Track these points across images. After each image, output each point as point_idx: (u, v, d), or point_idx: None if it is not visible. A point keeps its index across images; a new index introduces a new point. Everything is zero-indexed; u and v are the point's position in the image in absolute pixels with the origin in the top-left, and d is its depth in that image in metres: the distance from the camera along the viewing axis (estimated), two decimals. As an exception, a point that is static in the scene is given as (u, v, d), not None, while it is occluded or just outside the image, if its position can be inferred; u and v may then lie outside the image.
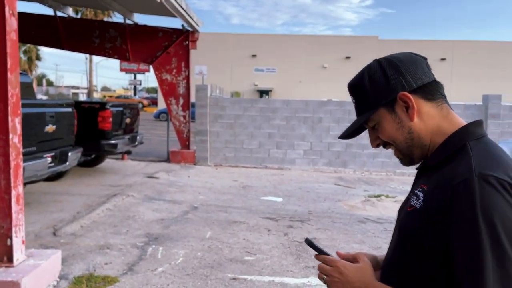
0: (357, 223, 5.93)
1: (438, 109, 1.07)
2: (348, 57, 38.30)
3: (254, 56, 39.53)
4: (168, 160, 10.85)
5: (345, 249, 4.85)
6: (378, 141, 1.14)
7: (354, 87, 1.12)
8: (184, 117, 10.76)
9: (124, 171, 9.34)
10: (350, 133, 1.15)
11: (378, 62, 1.09)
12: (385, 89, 1.06)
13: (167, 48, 10.74)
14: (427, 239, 0.97)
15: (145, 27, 11.02)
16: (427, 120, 1.06)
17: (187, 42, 10.75)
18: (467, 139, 1.04)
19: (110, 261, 4.28)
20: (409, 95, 1.04)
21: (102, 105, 8.10)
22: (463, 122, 1.08)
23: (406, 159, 1.13)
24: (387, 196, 7.39)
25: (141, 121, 13.57)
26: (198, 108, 10.57)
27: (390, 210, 6.64)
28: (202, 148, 10.61)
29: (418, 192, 1.04)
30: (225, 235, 5.19)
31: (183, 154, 10.70)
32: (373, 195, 7.51)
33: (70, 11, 11.34)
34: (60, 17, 11.00)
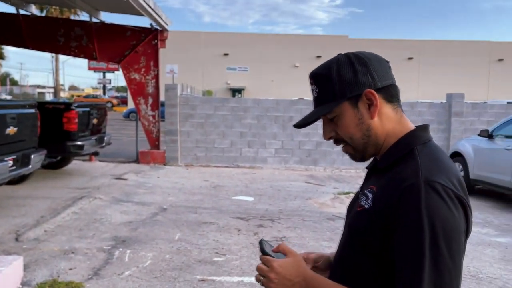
0: (326, 220, 5.99)
1: (394, 112, 1.10)
2: (319, 56, 38.67)
3: (226, 54, 39.43)
4: (137, 161, 10.67)
5: (314, 246, 4.89)
6: (332, 134, 1.13)
7: (319, 76, 1.10)
8: (154, 116, 10.61)
9: (92, 173, 9.13)
10: (307, 122, 1.12)
11: (347, 56, 1.09)
12: (353, 84, 1.06)
13: (135, 47, 10.56)
14: (374, 239, 1.00)
15: (112, 25, 10.80)
16: (385, 121, 1.09)
17: (156, 41, 10.59)
18: (415, 143, 1.07)
19: (74, 266, 4.17)
20: (375, 93, 1.05)
21: (67, 105, 7.90)
22: (412, 126, 1.12)
23: (358, 155, 1.13)
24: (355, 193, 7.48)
25: (111, 121, 13.27)
26: (168, 107, 10.44)
27: (359, 207, 6.73)
28: (172, 148, 10.49)
29: (368, 193, 1.07)
30: (195, 236, 5.14)
31: (152, 155, 10.55)
32: (342, 192, 7.60)
33: (33, 9, 10.98)
34: (23, 15, 10.64)
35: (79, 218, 5.78)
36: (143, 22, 15.12)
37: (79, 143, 7.90)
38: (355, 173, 10.12)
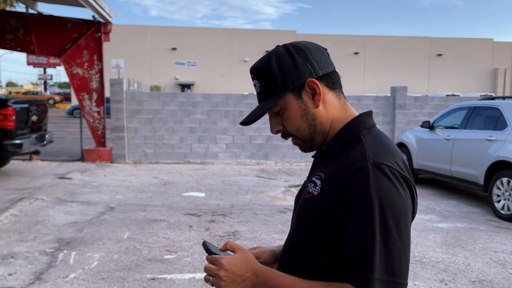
0: (277, 213, 6.03)
1: (337, 98, 1.11)
2: (267, 51, 38.88)
3: (174, 49, 38.72)
4: (82, 159, 10.24)
5: (266, 239, 4.90)
6: (279, 128, 1.12)
7: (260, 70, 1.08)
8: (99, 113, 10.22)
9: (33, 173, 8.65)
10: (253, 118, 1.11)
11: (285, 48, 1.07)
12: (294, 74, 1.05)
13: (77, 40, 10.10)
14: (324, 224, 1.01)
15: (52, 17, 10.24)
16: (329, 108, 1.09)
17: (99, 34, 10.18)
18: (360, 129, 1.08)
19: (14, 271, 3.92)
20: (317, 81, 1.05)
21: (2, 101, 7.40)
22: (356, 112, 1.13)
23: (306, 145, 1.13)
24: (306, 186, 7.59)
25: (54, 118, 12.61)
26: (113, 103, 10.08)
27: (310, 199, 6.83)
28: (119, 145, 10.15)
29: (316, 180, 1.07)
30: (144, 234, 4.99)
31: (98, 152, 10.16)
32: (293, 185, 7.68)
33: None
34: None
35: (18, 220, 5.45)
36: (85, 14, 14.49)
37: (17, 141, 7.44)
38: (306, 166, 10.28)
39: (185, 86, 38.29)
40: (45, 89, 51.37)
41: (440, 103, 11.19)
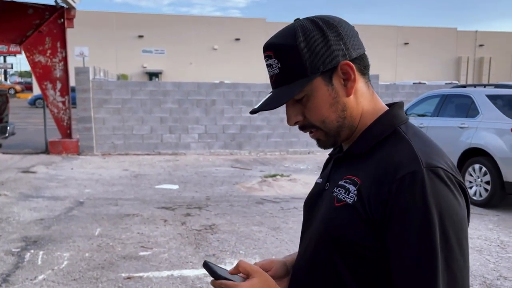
0: (255, 204, 5.91)
1: (366, 87, 0.94)
2: (237, 39, 38.57)
3: (141, 36, 37.75)
4: (47, 151, 9.79)
5: (245, 232, 4.78)
6: (300, 118, 0.93)
7: (283, 48, 0.88)
8: (63, 103, 9.77)
9: (-6, 167, 8.19)
10: (274, 106, 0.90)
11: (312, 22, 0.89)
12: (325, 55, 0.87)
13: (39, 27, 9.58)
14: (361, 238, 0.84)
15: (11, 2, 9.61)
16: (360, 98, 0.92)
17: (62, 20, 9.69)
18: (397, 123, 0.92)
19: (-24, 275, 3.65)
20: (352, 65, 0.88)
21: (-41, 91, 6.91)
22: (383, 103, 0.97)
23: (329, 141, 0.95)
24: (282, 175, 7.52)
25: (14, 108, 12.07)
26: (79, 92, 9.65)
27: (286, 189, 6.76)
28: (87, 136, 9.76)
29: (347, 185, 0.89)
30: (117, 230, 4.77)
31: (64, 144, 9.74)
32: (269, 175, 7.58)
33: None
34: None
35: (-20, 219, 5.11)
36: (47, -1, 13.79)
37: (-24, 134, 7.00)
38: (280, 155, 10.20)
39: (153, 75, 37.48)
40: (5, 79, 49.22)
41: (410, 91, 11.32)
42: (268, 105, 0.90)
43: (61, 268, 3.79)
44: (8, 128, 8.30)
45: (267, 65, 0.91)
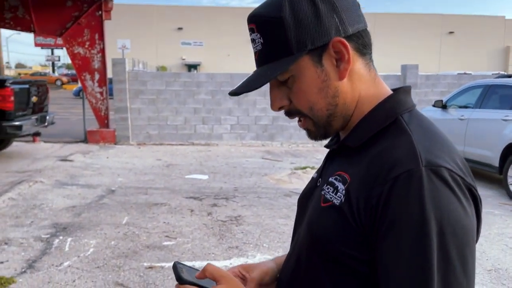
0: (282, 197, 5.82)
1: (367, 69, 0.80)
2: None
3: (180, 29, 38.24)
4: (85, 140, 10.08)
5: (270, 225, 4.70)
6: (285, 102, 0.80)
7: (265, 20, 0.75)
8: (101, 93, 10.00)
9: (34, 155, 8.51)
10: (251, 88, 0.78)
11: None
12: (315, 30, 0.74)
13: (77, 19, 9.82)
14: (347, 246, 0.72)
15: (51, -5, 9.96)
16: (356, 82, 0.78)
17: (100, 12, 9.88)
18: (399, 112, 0.77)
19: (7, 259, 3.77)
20: (346, 42, 0.74)
21: (0, 82, 7.19)
22: (388, 89, 0.82)
23: (319, 131, 0.82)
24: (312, 168, 7.37)
25: (60, 99, 12.45)
26: (116, 83, 9.85)
27: (316, 181, 6.61)
28: (123, 126, 9.96)
29: (335, 182, 0.77)
30: (144, 219, 4.82)
31: (102, 134, 9.98)
32: (299, 167, 7.45)
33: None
34: None
35: (16, 204, 5.30)
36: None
37: (16, 123, 7.27)
38: (313, 148, 10.03)
39: (191, 67, 37.94)
40: (53, 71, 51.28)
41: (452, 82, 10.80)
42: (245, 87, 0.78)
43: (86, 255, 3.86)
44: (48, 117, 8.57)
45: (251, 40, 0.79)
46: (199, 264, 3.70)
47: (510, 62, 40.83)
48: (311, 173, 6.95)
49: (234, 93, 0.80)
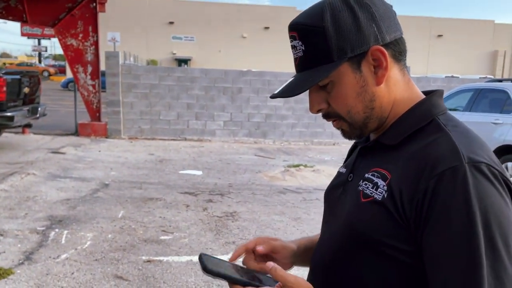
0: (277, 194, 5.88)
1: (402, 74, 0.84)
2: (267, 28, 38.29)
3: (171, 23, 37.96)
4: (76, 133, 10.01)
5: (265, 221, 4.75)
6: (323, 106, 0.84)
7: (308, 29, 0.80)
8: (94, 86, 9.93)
9: (25, 147, 8.43)
10: (296, 92, 0.82)
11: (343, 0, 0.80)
12: (355, 38, 0.78)
13: (71, 10, 9.73)
14: (392, 239, 0.76)
15: (45, -15, 9.84)
16: (392, 87, 0.83)
17: (94, 4, 9.81)
18: (435, 113, 0.82)
19: (3, 250, 3.76)
20: (385, 50, 0.79)
21: (-7, 72, 7.10)
22: (420, 92, 0.88)
23: (354, 132, 0.86)
24: (305, 166, 7.45)
25: (48, 91, 12.31)
26: (109, 76, 9.78)
27: (309, 179, 6.69)
28: (115, 120, 9.91)
29: (374, 178, 0.81)
30: (140, 213, 4.83)
31: (93, 127, 9.93)
32: (292, 165, 7.52)
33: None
34: None
35: (9, 196, 5.26)
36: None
37: (8, 114, 7.19)
38: (304, 146, 10.11)
39: (182, 61, 37.71)
40: (40, 61, 50.53)
41: (442, 85, 10.97)
42: (288, 92, 0.82)
43: (84, 248, 3.86)
44: (39, 109, 8.50)
45: (291, 46, 0.83)
46: (197, 259, 3.73)
47: (498, 66, 41.49)
48: (305, 171, 7.05)
49: (276, 96, 0.85)
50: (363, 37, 0.78)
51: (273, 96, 0.86)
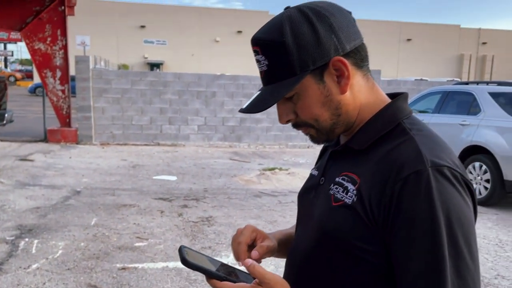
0: (253, 197, 5.88)
1: (365, 79, 0.86)
2: (239, 31, 38.37)
3: (143, 27, 37.55)
4: (45, 140, 9.75)
5: (242, 225, 4.73)
6: (291, 116, 0.86)
7: (269, 44, 0.81)
8: (63, 91, 9.70)
9: (-8, 154, 8.15)
10: (263, 108, 0.83)
11: (301, 12, 0.80)
12: (315, 51, 0.79)
13: (39, 14, 9.49)
14: (362, 241, 0.78)
15: (11, -12, 9.56)
16: (356, 93, 0.85)
17: (63, 7, 9.59)
18: (400, 117, 0.85)
19: (-30, 262, 3.61)
20: (345, 60, 0.80)
21: (-44, 77, 6.84)
22: (385, 95, 0.90)
23: (322, 137, 0.89)
24: (280, 169, 7.48)
25: (15, 96, 11.99)
26: (79, 81, 9.58)
27: (284, 182, 6.72)
28: (86, 125, 9.71)
29: (345, 182, 0.83)
30: (113, 220, 4.74)
31: (63, 133, 9.69)
32: (267, 169, 7.54)
33: None
34: None
35: (-25, 206, 5.07)
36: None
37: (-27, 120, 6.94)
38: (279, 149, 10.16)
39: (154, 65, 37.33)
40: (6, 66, 49.03)
41: (412, 87, 11.25)
42: (255, 108, 0.84)
43: (55, 257, 3.76)
44: (6, 115, 8.25)
45: (256, 60, 0.84)
46: (172, 265, 3.69)
47: (464, 69, 42.85)
48: (280, 174, 7.08)
49: (243, 112, 0.86)
50: (324, 49, 0.80)
51: (242, 111, 0.87)
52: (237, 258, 0.93)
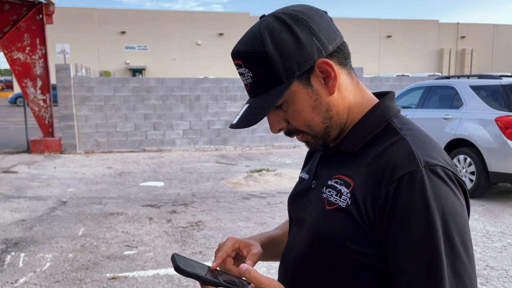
0: (241, 200, 5.86)
1: (349, 77, 0.85)
2: (221, 34, 38.33)
3: (123, 33, 37.26)
4: (28, 150, 9.59)
5: (231, 228, 4.73)
6: (283, 124, 0.85)
7: (251, 56, 0.79)
8: (44, 100, 9.56)
9: (-27, 168, 7.98)
10: (255, 121, 0.81)
11: (278, 20, 0.79)
12: (299, 56, 0.78)
13: (16, 23, 9.34)
14: (357, 245, 0.78)
15: (-14, -3, 9.39)
16: (344, 92, 0.84)
17: (41, 15, 9.46)
18: (389, 117, 0.85)
19: (-46, 280, 3.52)
20: (330, 62, 0.80)
21: None
22: (371, 93, 0.90)
23: (318, 142, 0.87)
24: (267, 170, 7.48)
25: (-8, 108, 11.76)
26: (60, 90, 9.44)
27: (272, 183, 6.72)
28: (69, 134, 9.57)
29: (338, 186, 0.82)
30: (101, 230, 4.67)
31: (46, 143, 9.54)
32: (254, 170, 7.53)
33: None
34: None
35: (-42, 221, 4.96)
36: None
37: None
38: (265, 150, 10.16)
39: (136, 71, 37.06)
40: (-16, 77, 48.13)
41: (394, 84, 11.37)
42: (246, 122, 0.82)
43: (43, 270, 3.69)
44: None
45: (239, 73, 0.83)
46: (163, 272, 3.66)
47: (444, 63, 43.48)
48: (267, 176, 7.08)
49: (234, 127, 0.84)
50: (307, 53, 0.79)
51: (232, 127, 0.85)
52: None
